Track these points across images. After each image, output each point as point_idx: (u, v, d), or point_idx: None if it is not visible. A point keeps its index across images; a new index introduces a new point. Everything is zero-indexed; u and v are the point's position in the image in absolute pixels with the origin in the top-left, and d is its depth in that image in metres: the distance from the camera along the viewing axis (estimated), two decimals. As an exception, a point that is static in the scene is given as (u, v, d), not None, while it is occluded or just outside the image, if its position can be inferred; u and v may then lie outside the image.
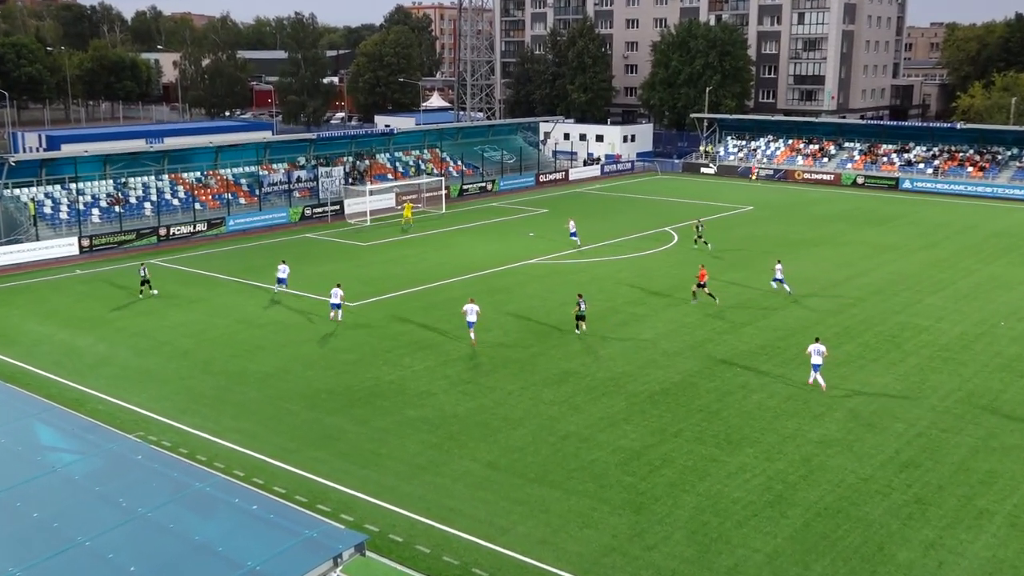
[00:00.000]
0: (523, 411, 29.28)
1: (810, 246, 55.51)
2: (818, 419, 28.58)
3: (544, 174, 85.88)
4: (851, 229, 61.48)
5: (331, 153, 74.43)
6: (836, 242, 56.81)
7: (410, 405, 29.83)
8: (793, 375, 32.46)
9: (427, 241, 57.31)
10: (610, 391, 31.06)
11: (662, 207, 71.54)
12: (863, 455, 26.25)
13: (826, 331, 37.66)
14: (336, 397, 30.59)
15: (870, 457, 26.10)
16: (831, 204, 73.00)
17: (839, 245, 55.88)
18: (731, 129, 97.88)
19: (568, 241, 56.13)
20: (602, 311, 40.76)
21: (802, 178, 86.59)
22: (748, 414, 28.98)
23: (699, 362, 34.05)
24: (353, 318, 39.89)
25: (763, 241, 56.89)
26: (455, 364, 33.77)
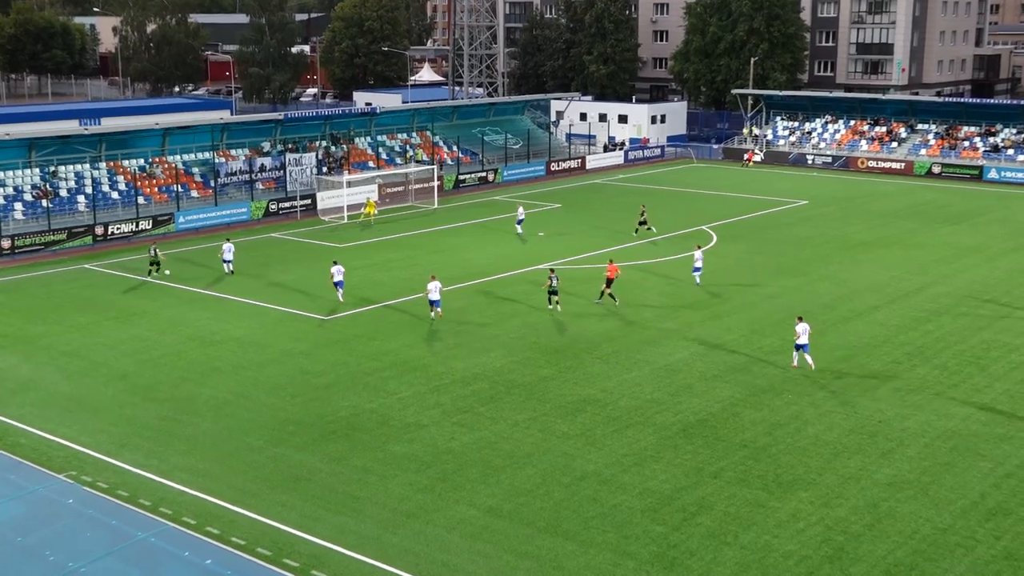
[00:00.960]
0: (531, 446, 29.26)
1: (875, 248, 55.53)
2: (886, 456, 28.53)
3: (556, 162, 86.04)
4: (924, 228, 61.48)
5: (301, 137, 74.66)
6: (906, 244, 56.83)
7: (395, 439, 29.82)
8: (857, 403, 32.44)
9: (416, 242, 57.41)
10: (636, 422, 31.03)
11: (698, 201, 71.58)
12: (941, 500, 26.18)
13: (895, 350, 37.63)
14: (306, 429, 30.59)
15: (949, 503, 26.04)
16: (900, 198, 73.00)
17: (910, 247, 55.90)
18: (781, 108, 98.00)
19: (583, 241, 56.18)
20: (625, 326, 40.76)
21: (866, 166, 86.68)
22: (802, 450, 28.93)
23: (742, 388, 34.02)
24: (326, 334, 39.96)
25: (818, 243, 56.91)
26: (449, 390, 33.78)
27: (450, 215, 65.91)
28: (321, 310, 43.20)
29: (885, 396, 33.15)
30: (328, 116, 77.36)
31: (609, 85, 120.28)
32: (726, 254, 53.92)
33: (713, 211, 66.55)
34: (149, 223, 59.93)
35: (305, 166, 70.58)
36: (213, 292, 46.46)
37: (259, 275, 49.86)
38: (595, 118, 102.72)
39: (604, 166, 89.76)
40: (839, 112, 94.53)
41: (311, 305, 44.08)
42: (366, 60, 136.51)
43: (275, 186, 69.32)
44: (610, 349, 37.94)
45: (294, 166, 69.83)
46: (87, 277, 50.01)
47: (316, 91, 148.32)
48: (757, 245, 56.13)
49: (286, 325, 41.27)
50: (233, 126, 71.93)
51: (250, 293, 46.19)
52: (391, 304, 44.34)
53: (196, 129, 69.65)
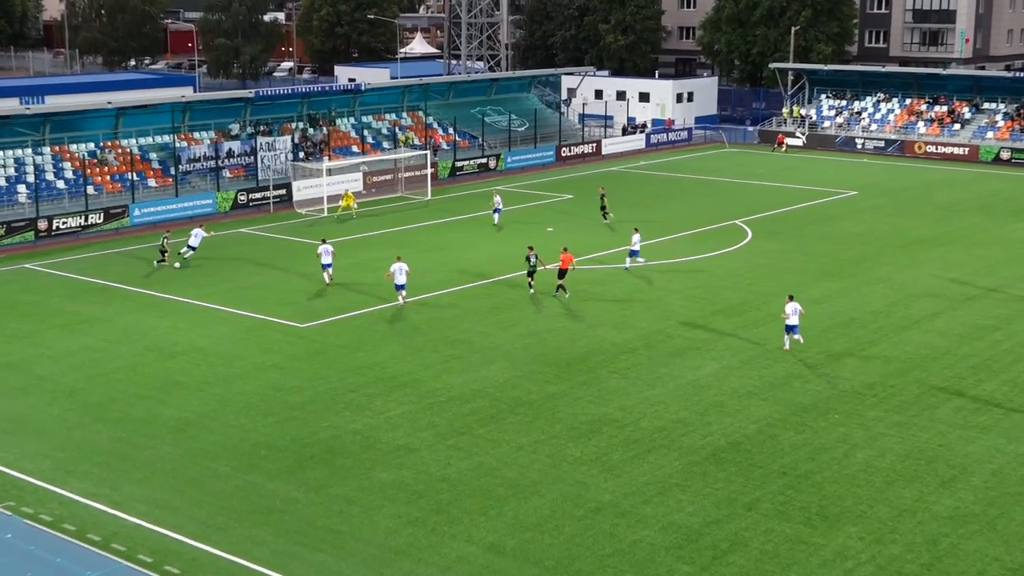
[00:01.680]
0: (539, 473, 29.25)
1: (934, 246, 55.48)
2: (947, 486, 28.49)
3: (568, 146, 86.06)
4: (991, 223, 61.44)
5: (275, 118, 74.72)
6: (970, 240, 56.80)
7: (382, 465, 29.81)
8: (913, 424, 32.40)
9: (407, 238, 57.41)
10: (659, 446, 31.01)
11: (730, 192, 71.54)
12: (1011, 536, 26.12)
13: (958, 364, 37.61)
14: (280, 454, 30.59)
15: (1021, 539, 25.97)
16: (964, 188, 72.93)
17: (974, 245, 55.86)
18: (826, 84, 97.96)
19: (597, 237, 56.19)
20: (648, 335, 40.76)
21: (924, 152, 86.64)
22: (850, 479, 28.90)
23: (781, 406, 33.99)
24: (304, 345, 39.98)
25: (869, 240, 56.86)
26: (444, 408, 33.78)
27: (446, 207, 65.90)
28: (298, 317, 43.20)
29: (946, 416, 33.11)
30: (305, 94, 77.36)
31: (628, 58, 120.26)
32: (762, 253, 53.90)
33: (747, 203, 66.51)
34: (100, 216, 59.98)
35: (279, 151, 70.60)
36: (174, 296, 46.49)
37: (227, 277, 49.86)
38: (612, 96, 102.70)
39: (623, 151, 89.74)
40: (893, 89, 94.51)
41: (286, 311, 44.10)
42: (349, 30, 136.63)
43: (245, 174, 69.35)
44: (629, 362, 37.93)
45: (266, 151, 69.85)
46: (28, 279, 50.04)
47: (292, 65, 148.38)
48: (798, 243, 56.10)
49: (257, 334, 41.28)
50: (196, 105, 71.94)
51: (216, 298, 46.19)
52: (378, 310, 44.31)
53: (154, 109, 69.64)
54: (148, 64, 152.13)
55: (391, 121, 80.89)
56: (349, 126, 78.51)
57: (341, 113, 78.99)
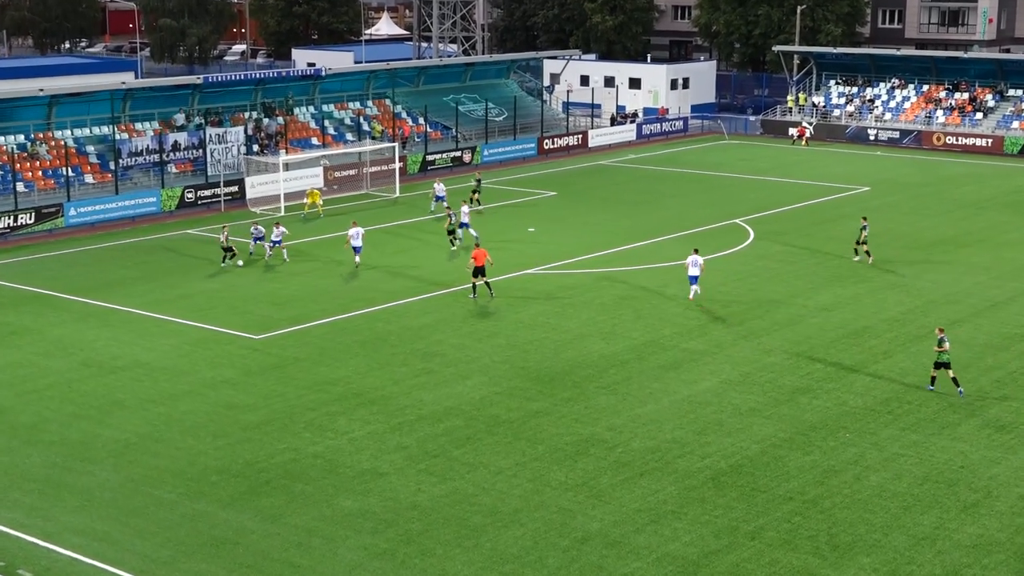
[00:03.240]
0: (520, 500, 29.28)
1: (955, 248, 55.75)
2: (970, 512, 28.62)
3: (551, 138, 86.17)
4: (1018, 221, 61.79)
5: (225, 107, 74.65)
6: (994, 242, 57.11)
7: (346, 491, 29.80)
8: (932, 444, 32.54)
9: (373, 240, 57.31)
10: (652, 469, 31.07)
11: (730, 188, 71.73)
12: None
13: (981, 377, 37.79)
14: (233, 480, 30.53)
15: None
16: (987, 183, 73.31)
17: (999, 246, 56.19)
18: (835, 69, 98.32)
19: (584, 239, 56.29)
20: (640, 347, 40.84)
21: (943, 143, 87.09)
22: (863, 504, 29.01)
23: (787, 424, 34.11)
24: (259, 359, 39.92)
25: (883, 241, 57.08)
26: (415, 428, 33.77)
27: (416, 206, 65.87)
28: (252, 327, 43.14)
29: (968, 434, 33.27)
30: (260, 80, 77.28)
31: (617, 41, 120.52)
32: (766, 255, 54.08)
33: (749, 201, 66.71)
34: (31, 216, 59.78)
35: (230, 144, 70.48)
36: (115, 306, 46.34)
37: (173, 284, 49.74)
38: (600, 83, 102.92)
39: (611, 144, 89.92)
40: (909, 75, 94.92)
41: (239, 321, 44.05)
42: (308, 9, 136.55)
43: (192, 169, 69.22)
44: (619, 376, 38.00)
45: (216, 144, 69.72)
46: (-49, 286, 49.86)
47: (244, 48, 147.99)
48: (805, 244, 56.32)
49: (207, 347, 41.20)
50: (139, 93, 71.76)
51: (162, 306, 46.09)
52: (341, 319, 44.30)
53: (91, 97, 69.52)
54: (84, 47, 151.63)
55: (355, 110, 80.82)
56: (308, 116, 78.40)
57: (299, 101, 78.89)
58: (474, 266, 45.79)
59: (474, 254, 45.96)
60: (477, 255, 45.82)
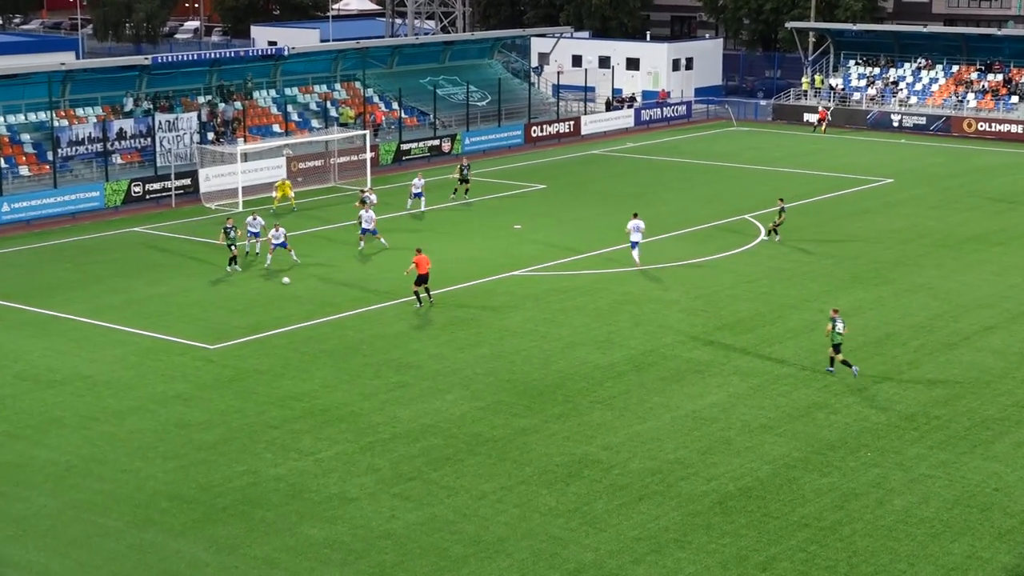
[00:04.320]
0: (505, 528, 29.17)
1: (988, 246, 55.80)
2: (1005, 539, 28.59)
3: (539, 124, 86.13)
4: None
5: (177, 90, 74.44)
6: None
7: (312, 518, 29.65)
8: (964, 463, 32.52)
9: (340, 238, 57.23)
10: (652, 492, 30.99)
11: (739, 180, 71.75)
12: (1082, 600, 26.21)
13: (1018, 389, 37.82)
14: (185, 506, 30.36)
15: (1094, 603, 26.07)
16: (1022, 175, 73.39)
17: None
18: (855, 48, 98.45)
19: (577, 236, 56.24)
20: (639, 356, 40.78)
21: (975, 130, 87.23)
22: (887, 531, 28.96)
23: (802, 443, 34.04)
24: (214, 371, 39.78)
25: (908, 238, 57.16)
26: (389, 448, 33.64)
27: (389, 201, 65.67)
28: (206, 336, 42.99)
29: (1004, 453, 33.27)
30: (215, 61, 77.12)
31: (613, 17, 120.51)
32: (778, 255, 54.09)
33: (760, 194, 66.68)
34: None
35: (182, 132, 70.28)
36: (54, 312, 46.17)
37: (118, 288, 49.58)
38: (594, 63, 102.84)
39: (607, 131, 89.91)
40: (936, 54, 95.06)
41: (192, 329, 43.90)
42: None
43: (140, 160, 69.02)
44: (616, 389, 37.92)
45: (167, 132, 69.51)
46: None
47: (198, 25, 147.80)
48: (822, 242, 56.37)
49: (156, 358, 41.04)
50: (80, 75, 71.55)
51: (105, 313, 45.95)
52: (306, 327, 44.17)
53: (27, 79, 69.23)
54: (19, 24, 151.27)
55: (321, 94, 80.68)
56: (269, 100, 78.23)
57: (259, 84, 78.73)
58: (416, 274, 45.19)
59: (416, 260, 45.29)
60: (419, 261, 45.10)
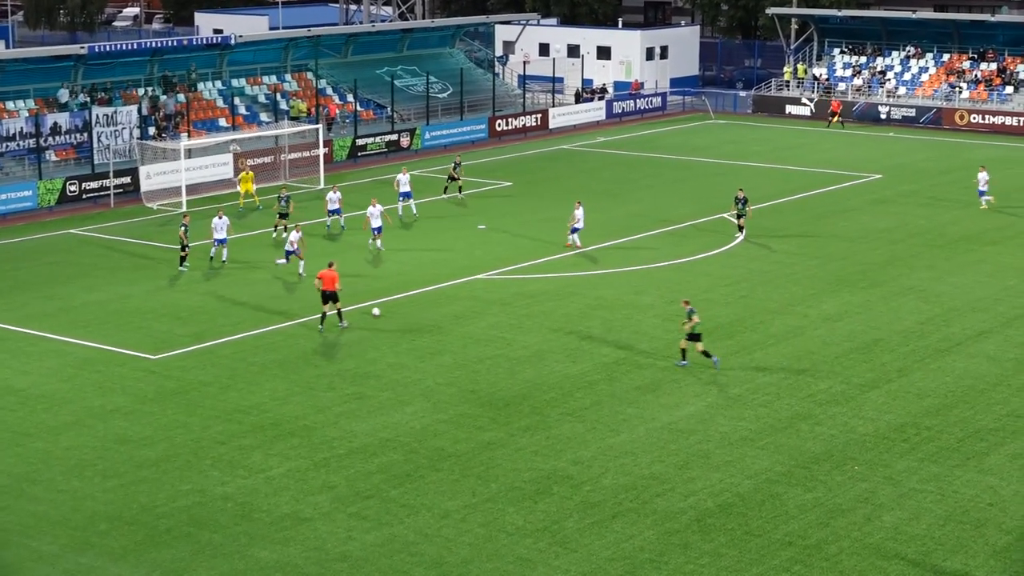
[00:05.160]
0: (469, 548, 29.22)
1: (981, 245, 56.13)
2: (1000, 557, 28.71)
3: (504, 118, 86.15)
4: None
5: (115, 82, 74.20)
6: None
7: (263, 540, 29.64)
8: (956, 477, 32.69)
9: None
10: (626, 510, 31.07)
11: (717, 177, 71.92)
12: (1081, 620, 26.42)
13: (1013, 397, 37.97)
14: (126, 528, 30.29)
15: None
16: (1018, 170, 73.85)
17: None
18: (840, 36, 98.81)
19: (544, 238, 56.40)
20: (611, 365, 40.90)
21: (966, 123, 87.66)
22: (875, 549, 29.11)
23: (785, 456, 34.19)
24: (157, 383, 39.68)
25: (898, 238, 57.46)
26: (344, 464, 33.66)
27: (344, 199, 65.61)
28: (148, 346, 42.88)
29: (998, 466, 33.43)
30: (157, 50, 76.84)
31: (583, 2, 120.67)
32: (759, 256, 54.33)
33: (736, 191, 66.88)
34: None
35: (122, 126, 70.00)
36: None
37: (53, 294, 49.36)
38: (562, 52, 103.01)
39: (576, 124, 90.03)
40: (927, 42, 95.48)
41: (133, 338, 43.80)
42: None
43: (76, 157, 68.74)
44: (587, 400, 38.00)
45: (105, 126, 69.24)
46: None
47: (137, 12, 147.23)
48: (806, 242, 56.64)
49: (95, 369, 40.91)
50: (10, 66, 71.19)
51: (39, 321, 45.78)
52: (255, 335, 44.15)
53: (-47, 70, 69.02)
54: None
55: (270, 86, 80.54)
56: (215, 92, 78.05)
57: (204, 75, 78.54)
58: (322, 291, 43.60)
59: (321, 275, 43.70)
60: (325, 277, 43.45)
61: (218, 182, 68.78)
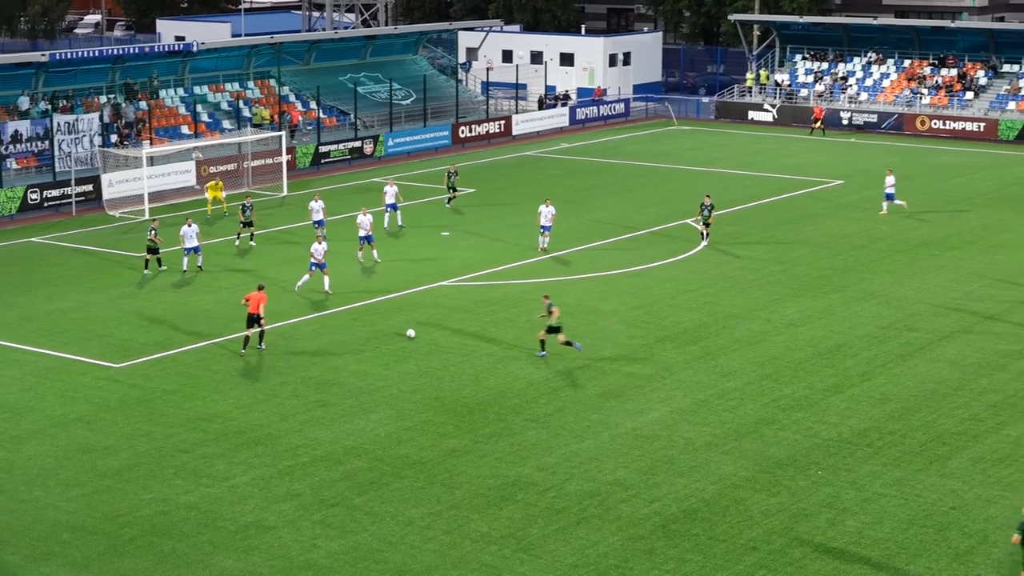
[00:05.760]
0: (434, 555, 29.21)
1: (943, 250, 56.40)
2: (963, 560, 28.78)
3: (468, 125, 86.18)
4: (1016, 219, 62.65)
5: (77, 89, 73.92)
6: (988, 243, 57.91)
7: (227, 549, 29.56)
8: (919, 481, 32.84)
9: (256, 248, 57.00)
10: (591, 516, 31.08)
11: (680, 183, 72.08)
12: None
13: (975, 402, 38.22)
14: (89, 538, 30.16)
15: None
16: (979, 175, 74.29)
17: (994, 248, 57.00)
18: (802, 42, 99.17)
19: (507, 245, 56.41)
20: (575, 371, 40.94)
21: (928, 128, 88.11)
22: (839, 553, 29.19)
23: (750, 461, 34.27)
24: (120, 391, 39.52)
25: (860, 243, 57.72)
26: (309, 472, 33.60)
27: (306, 207, 65.55)
28: (110, 355, 42.71)
29: (960, 470, 33.60)
30: (118, 57, 76.61)
31: (546, 9, 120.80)
32: (722, 262, 54.47)
33: (702, 197, 66.97)
34: None
35: (83, 134, 69.74)
36: (-58, 329, 45.78)
37: (14, 303, 49.10)
38: (525, 59, 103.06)
39: (540, 131, 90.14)
40: (887, 48, 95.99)
41: (95, 347, 43.64)
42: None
43: (37, 165, 68.42)
44: (551, 407, 38.02)
45: (66, 134, 68.99)
46: None
47: (99, 19, 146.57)
48: (769, 248, 56.83)
49: (56, 378, 40.73)
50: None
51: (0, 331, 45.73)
52: (219, 343, 44.03)
53: (-88, 78, 68.68)
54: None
55: (233, 93, 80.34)
56: (177, 99, 77.81)
57: (166, 82, 78.29)
58: (247, 312, 42.44)
59: (249, 296, 42.62)
60: (252, 298, 42.33)
61: (181, 189, 68.52)
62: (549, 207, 55.51)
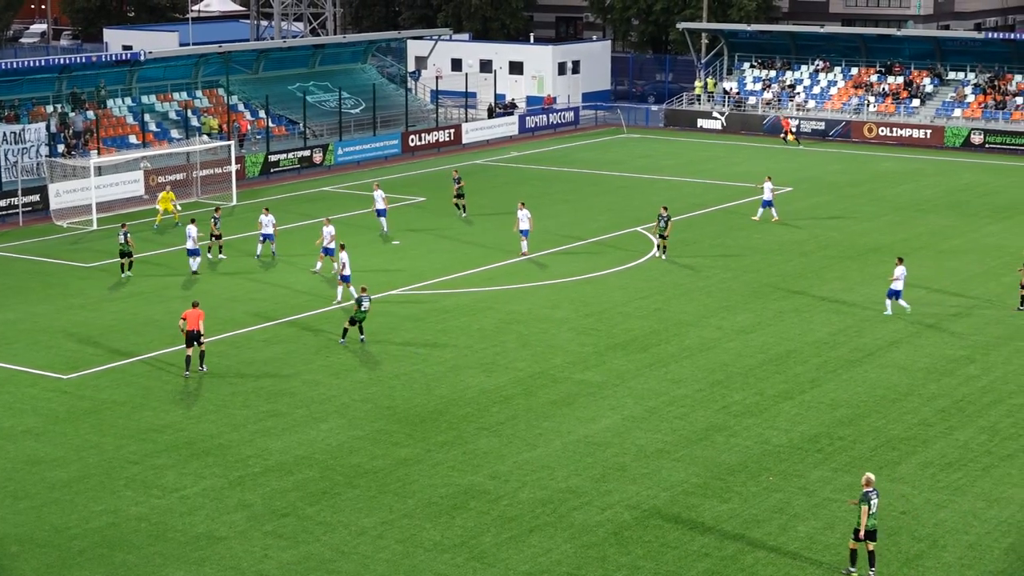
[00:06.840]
0: (387, 565, 29.16)
1: (890, 255, 56.08)
2: (913, 565, 28.99)
3: (417, 134, 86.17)
4: (963, 225, 63.19)
5: (22, 99, 73.47)
6: (936, 249, 58.36)
7: (177, 560, 29.43)
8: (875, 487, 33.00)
9: (205, 257, 56.80)
10: (544, 524, 31.10)
11: (630, 190, 72.24)
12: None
13: (924, 407, 38.49)
14: (38, 550, 29.97)
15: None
16: (926, 182, 74.81)
17: (942, 254, 57.47)
18: (750, 50, 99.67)
19: (459, 253, 56.39)
20: (527, 379, 40.99)
21: (875, 135, 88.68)
22: (791, 558, 29.32)
23: (701, 468, 34.38)
24: (68, 402, 39.31)
25: (809, 250, 58.01)
26: (260, 482, 33.48)
27: (255, 216, 65.31)
28: (59, 365, 42.45)
29: (910, 474, 33.84)
30: (65, 66, 76.14)
31: (495, 18, 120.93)
32: (672, 269, 54.63)
33: (652, 205, 66.89)
34: None
35: (29, 144, 69.32)
36: None
37: (-40, 313, 48.88)
38: (475, 67, 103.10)
39: (489, 139, 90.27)
40: (835, 56, 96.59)
41: (43, 358, 43.37)
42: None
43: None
44: (503, 415, 38.06)
45: (12, 144, 68.53)
46: None
47: (45, 28, 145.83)
48: (719, 255, 57.02)
49: (4, 390, 40.45)
50: (-86, 83, 70.46)
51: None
52: (168, 353, 43.81)
53: None
54: None
55: (181, 102, 79.99)
56: (125, 109, 77.46)
57: (113, 92, 77.93)
58: (186, 330, 41.16)
59: (186, 315, 41.30)
60: (190, 316, 41.09)
61: (129, 199, 68.20)
62: (524, 210, 56.09)
